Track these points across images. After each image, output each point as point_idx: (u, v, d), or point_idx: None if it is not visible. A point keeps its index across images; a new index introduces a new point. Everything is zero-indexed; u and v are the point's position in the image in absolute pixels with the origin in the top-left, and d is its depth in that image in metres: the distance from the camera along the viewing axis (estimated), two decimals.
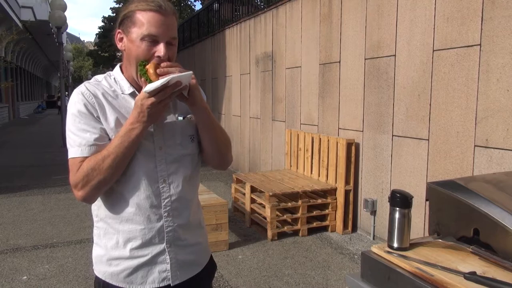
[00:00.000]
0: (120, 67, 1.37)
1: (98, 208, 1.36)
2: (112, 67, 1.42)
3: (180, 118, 1.36)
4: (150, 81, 1.18)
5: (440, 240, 1.43)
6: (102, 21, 29.31)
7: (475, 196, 1.35)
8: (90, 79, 1.41)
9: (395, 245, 1.39)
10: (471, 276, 1.14)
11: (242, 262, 3.81)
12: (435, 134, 3.56)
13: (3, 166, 8.81)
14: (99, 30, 30.00)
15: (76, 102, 1.27)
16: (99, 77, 1.37)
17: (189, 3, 27.88)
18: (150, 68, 1.20)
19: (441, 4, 3.46)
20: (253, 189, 4.76)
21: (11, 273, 3.58)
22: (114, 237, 1.33)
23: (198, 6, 29.29)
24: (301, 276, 3.52)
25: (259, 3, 8.09)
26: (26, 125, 19.84)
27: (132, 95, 1.32)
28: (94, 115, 1.26)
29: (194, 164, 1.41)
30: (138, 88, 1.32)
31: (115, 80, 1.35)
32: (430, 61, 3.58)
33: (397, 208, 1.39)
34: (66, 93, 18.87)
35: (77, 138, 1.25)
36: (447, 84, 3.43)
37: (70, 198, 5.91)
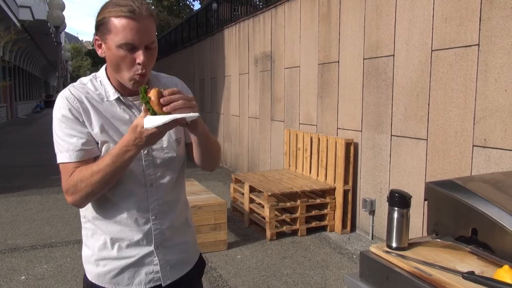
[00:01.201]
0: (106, 69, 1.34)
1: (85, 209, 1.36)
2: None
3: None
4: (153, 111, 1.11)
5: (438, 240, 1.43)
6: None
7: (473, 196, 1.35)
8: None
9: (394, 245, 1.39)
10: (469, 276, 1.14)
11: (241, 262, 3.81)
12: (434, 134, 3.57)
13: (1, 166, 8.79)
14: None
15: (60, 107, 1.25)
16: (85, 79, 1.34)
17: (188, 2, 27.87)
18: (152, 95, 1.12)
19: (439, 4, 3.47)
20: (252, 189, 4.76)
21: (9, 273, 3.58)
22: (102, 238, 1.34)
23: (197, 6, 29.28)
24: (300, 275, 3.52)
25: (257, 3, 8.09)
26: (24, 125, 19.80)
27: (117, 100, 1.30)
28: (79, 119, 1.25)
29: (180, 166, 1.42)
30: (123, 92, 1.31)
31: (101, 83, 1.32)
32: (429, 61, 3.58)
33: (396, 208, 1.39)
34: None
35: (65, 143, 1.24)
36: (445, 84, 3.44)
37: None
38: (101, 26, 1.23)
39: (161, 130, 1.13)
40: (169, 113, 1.10)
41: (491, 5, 3.04)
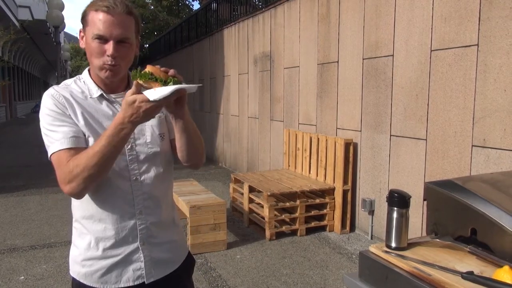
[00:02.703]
0: (89, 70, 1.40)
1: (75, 208, 1.39)
2: None
3: None
4: (161, 80, 1.13)
5: (437, 240, 1.43)
6: None
7: (472, 196, 1.35)
8: None
9: (393, 244, 1.39)
10: (469, 276, 1.14)
11: (240, 262, 3.81)
12: (433, 134, 3.57)
13: (0, 166, 8.78)
14: None
15: (47, 103, 1.29)
16: (68, 81, 1.40)
17: (187, 2, 27.85)
18: (150, 69, 1.15)
19: (438, 4, 3.47)
20: (252, 189, 4.76)
21: (8, 273, 3.57)
22: (87, 238, 1.35)
23: (196, 6, 29.26)
24: (299, 275, 3.52)
25: (257, 3, 8.09)
26: (23, 125, 19.77)
27: (100, 97, 1.35)
28: (66, 113, 1.29)
29: (165, 162, 1.43)
30: (106, 89, 1.36)
31: (84, 83, 1.38)
32: (428, 61, 3.59)
33: (395, 208, 1.39)
34: None
35: (55, 133, 1.26)
36: (444, 84, 3.44)
37: (67, 198, 5.87)
38: (83, 19, 1.31)
39: (160, 104, 1.15)
40: (174, 76, 1.16)
41: (490, 5, 3.04)
